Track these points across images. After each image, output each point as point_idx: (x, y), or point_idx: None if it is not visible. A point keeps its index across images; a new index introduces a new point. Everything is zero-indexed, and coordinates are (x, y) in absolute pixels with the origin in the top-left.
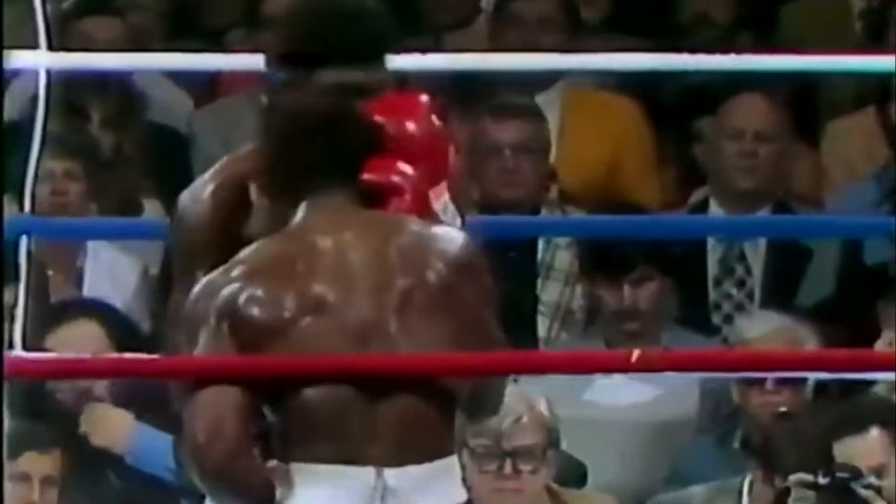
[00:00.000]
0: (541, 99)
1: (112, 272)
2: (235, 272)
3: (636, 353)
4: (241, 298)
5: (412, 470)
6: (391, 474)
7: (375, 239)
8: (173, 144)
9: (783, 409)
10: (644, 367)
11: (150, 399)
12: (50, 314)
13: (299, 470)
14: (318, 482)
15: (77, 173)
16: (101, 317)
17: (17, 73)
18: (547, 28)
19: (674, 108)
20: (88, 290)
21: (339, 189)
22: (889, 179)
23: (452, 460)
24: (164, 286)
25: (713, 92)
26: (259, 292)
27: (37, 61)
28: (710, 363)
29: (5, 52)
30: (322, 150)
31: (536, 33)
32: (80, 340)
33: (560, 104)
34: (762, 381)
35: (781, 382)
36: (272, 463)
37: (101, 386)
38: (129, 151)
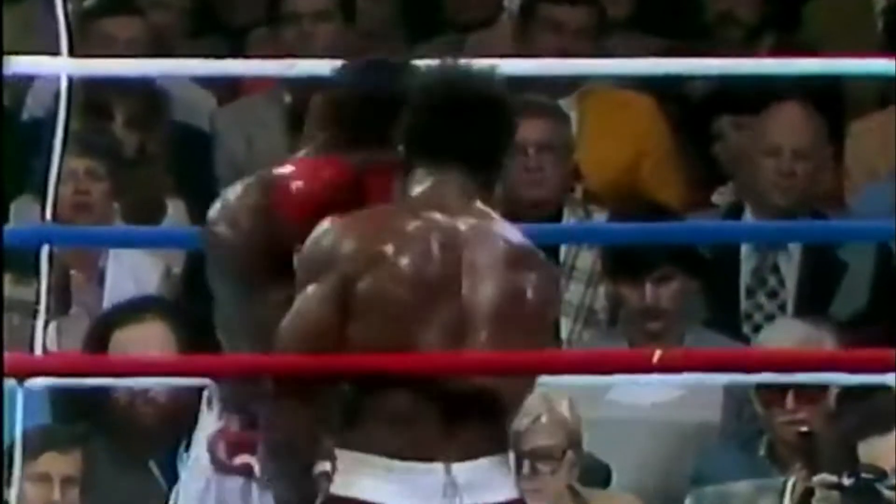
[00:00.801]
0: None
1: (134, 272)
2: (359, 234)
3: (658, 354)
4: (361, 266)
5: (475, 464)
6: (458, 469)
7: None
8: (196, 143)
9: (805, 428)
10: (666, 367)
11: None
12: (113, 313)
13: (365, 461)
14: (388, 476)
15: (100, 173)
16: (166, 315)
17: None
18: (577, 33)
19: (695, 107)
20: (110, 291)
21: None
22: None
23: (507, 457)
24: (189, 287)
25: (734, 90)
26: (380, 268)
27: (58, 66)
28: (732, 364)
29: (26, 56)
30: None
31: (567, 38)
32: (145, 339)
33: (579, 103)
34: (783, 398)
35: (802, 398)
36: (337, 451)
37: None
38: (152, 151)
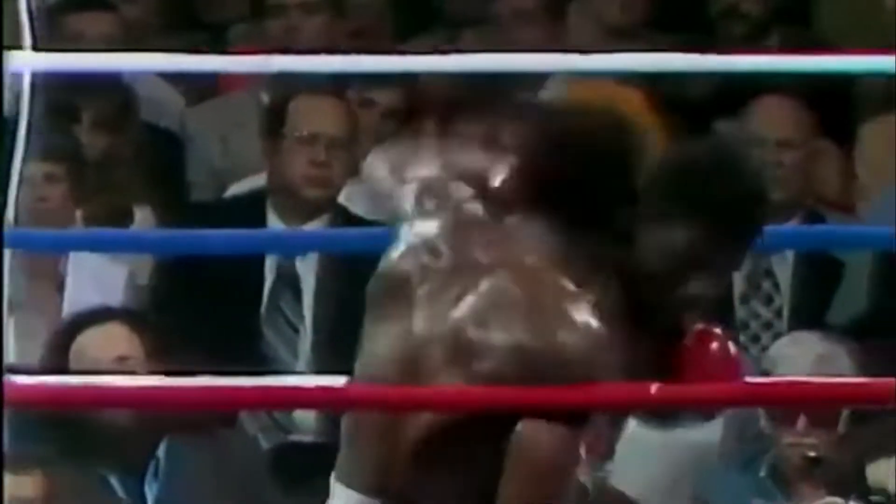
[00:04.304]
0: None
1: (97, 279)
2: None
3: (655, 386)
4: None
5: None
6: None
7: None
8: (165, 145)
9: (813, 454)
10: (664, 400)
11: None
12: (75, 320)
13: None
14: None
15: (59, 176)
16: (132, 322)
17: None
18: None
19: (696, 107)
20: (70, 299)
21: None
22: None
23: None
24: (156, 297)
25: (738, 90)
26: None
27: (20, 62)
28: (736, 398)
29: None
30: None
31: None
32: (109, 343)
33: (564, 96)
34: (793, 420)
35: (813, 422)
36: None
37: None
38: (118, 153)
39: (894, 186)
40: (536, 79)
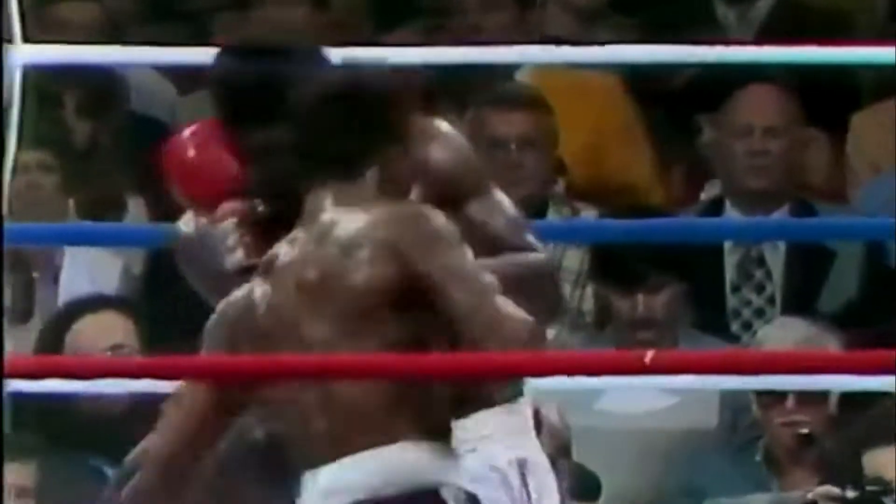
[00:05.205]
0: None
1: (91, 271)
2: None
3: (650, 355)
4: None
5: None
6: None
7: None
8: (156, 136)
9: (804, 430)
10: (659, 369)
11: None
12: (69, 308)
13: None
14: None
15: (51, 164)
16: (127, 311)
17: None
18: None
19: (676, 99)
20: (65, 290)
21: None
22: None
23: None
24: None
25: (719, 82)
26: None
27: (11, 56)
28: (727, 366)
29: None
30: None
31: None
32: (103, 331)
33: (532, 86)
34: (783, 400)
35: (803, 401)
36: None
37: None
38: (104, 142)
39: (887, 175)
40: (511, 67)
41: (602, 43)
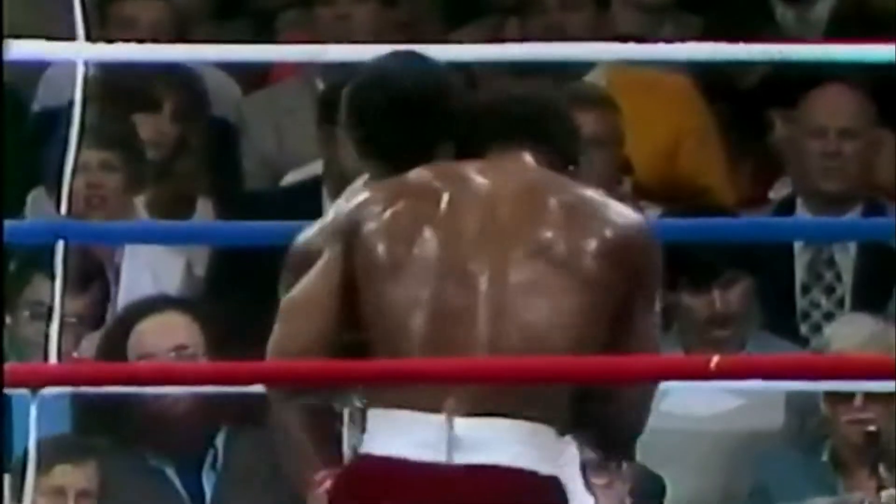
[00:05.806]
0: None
1: (153, 269)
2: (357, 200)
3: (715, 360)
4: (365, 222)
5: (484, 422)
6: (461, 424)
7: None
8: (222, 135)
9: (872, 428)
10: (724, 374)
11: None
12: (131, 309)
13: (375, 415)
14: (391, 426)
15: (115, 164)
16: (190, 310)
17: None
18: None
19: (745, 98)
20: (126, 289)
21: None
22: None
23: (549, 430)
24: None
25: (792, 80)
26: (382, 221)
27: (74, 52)
28: (794, 370)
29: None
30: None
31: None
32: (167, 332)
33: (606, 86)
34: (850, 397)
35: (870, 398)
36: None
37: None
38: (187, 143)
39: None
40: (583, 66)
41: (670, 40)
